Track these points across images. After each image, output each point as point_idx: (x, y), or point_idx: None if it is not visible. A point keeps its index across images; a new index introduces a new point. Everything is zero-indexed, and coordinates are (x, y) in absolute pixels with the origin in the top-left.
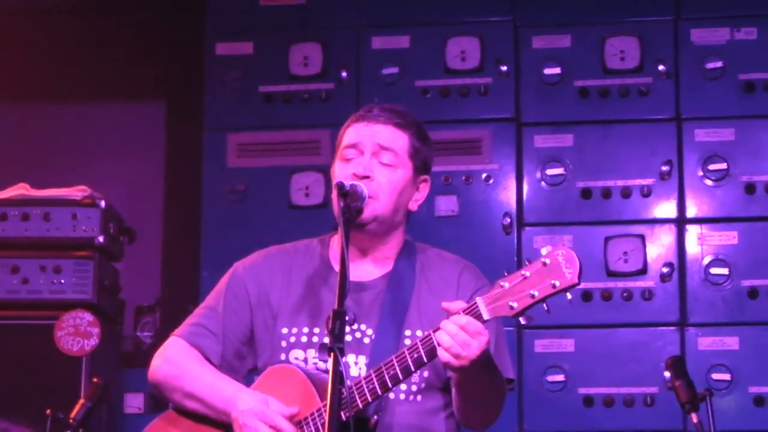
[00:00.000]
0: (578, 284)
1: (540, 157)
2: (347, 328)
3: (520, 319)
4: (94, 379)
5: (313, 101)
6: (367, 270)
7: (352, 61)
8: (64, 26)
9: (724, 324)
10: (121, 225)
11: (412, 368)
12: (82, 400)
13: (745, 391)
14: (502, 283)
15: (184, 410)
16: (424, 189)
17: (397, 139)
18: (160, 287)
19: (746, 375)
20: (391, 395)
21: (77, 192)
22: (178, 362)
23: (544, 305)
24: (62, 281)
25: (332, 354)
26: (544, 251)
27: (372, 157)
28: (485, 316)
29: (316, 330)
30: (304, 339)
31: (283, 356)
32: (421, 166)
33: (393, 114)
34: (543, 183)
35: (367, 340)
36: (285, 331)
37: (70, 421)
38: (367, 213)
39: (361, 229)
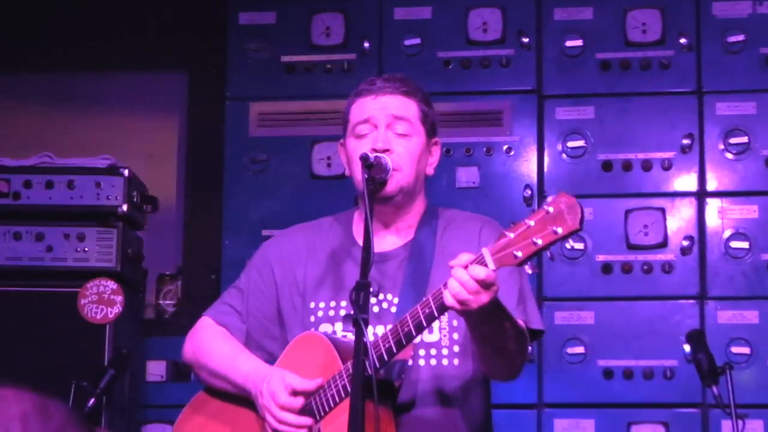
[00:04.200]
0: (580, 230)
1: (561, 129)
2: (373, 299)
3: (526, 267)
4: (123, 350)
5: (335, 71)
6: (389, 240)
7: (375, 32)
8: None
9: (744, 298)
10: (144, 194)
11: (424, 324)
12: (108, 369)
13: (765, 364)
14: (507, 234)
15: (212, 389)
16: (436, 152)
17: (408, 107)
18: (182, 256)
19: (766, 349)
20: (422, 362)
21: (101, 161)
22: (203, 340)
23: (548, 252)
24: (86, 249)
25: (356, 324)
26: (549, 199)
27: (387, 130)
28: (491, 266)
29: (343, 303)
30: (331, 313)
31: (312, 331)
32: (431, 130)
33: (398, 83)
34: (564, 155)
35: (393, 309)
36: (312, 305)
37: (96, 389)
38: (392, 185)
39: (386, 202)
